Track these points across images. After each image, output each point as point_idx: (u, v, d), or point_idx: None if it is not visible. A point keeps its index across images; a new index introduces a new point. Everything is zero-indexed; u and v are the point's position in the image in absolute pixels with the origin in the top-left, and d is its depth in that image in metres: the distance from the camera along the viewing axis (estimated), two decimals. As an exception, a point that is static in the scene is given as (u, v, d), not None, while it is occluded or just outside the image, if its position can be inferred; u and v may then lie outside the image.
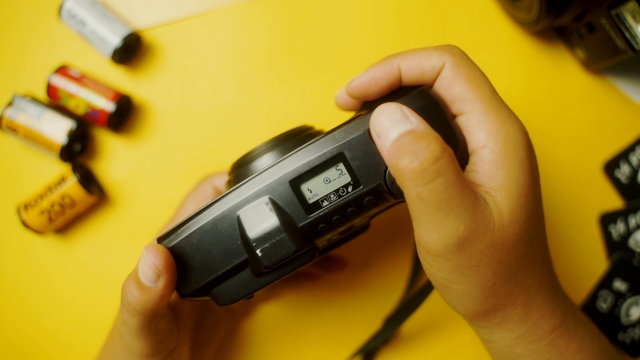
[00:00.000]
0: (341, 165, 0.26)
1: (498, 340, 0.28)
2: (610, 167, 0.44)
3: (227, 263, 0.26)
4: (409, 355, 0.43)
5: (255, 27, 0.46)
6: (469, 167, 0.26)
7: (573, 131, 0.45)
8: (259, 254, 0.25)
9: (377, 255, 0.44)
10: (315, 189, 0.26)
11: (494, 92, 0.27)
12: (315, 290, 0.44)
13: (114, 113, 0.42)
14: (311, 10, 0.46)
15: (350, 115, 0.32)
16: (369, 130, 0.26)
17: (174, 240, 0.27)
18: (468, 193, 0.24)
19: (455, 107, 0.27)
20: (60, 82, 0.42)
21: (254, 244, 0.25)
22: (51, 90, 0.43)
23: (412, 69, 0.27)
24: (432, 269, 0.26)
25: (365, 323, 0.43)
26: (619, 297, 0.42)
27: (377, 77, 0.28)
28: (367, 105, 0.30)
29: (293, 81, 0.45)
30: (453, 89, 0.27)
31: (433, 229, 0.24)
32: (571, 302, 0.30)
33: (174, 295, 0.29)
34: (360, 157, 0.26)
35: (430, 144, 0.23)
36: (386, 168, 0.26)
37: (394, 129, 0.24)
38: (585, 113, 0.45)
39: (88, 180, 0.43)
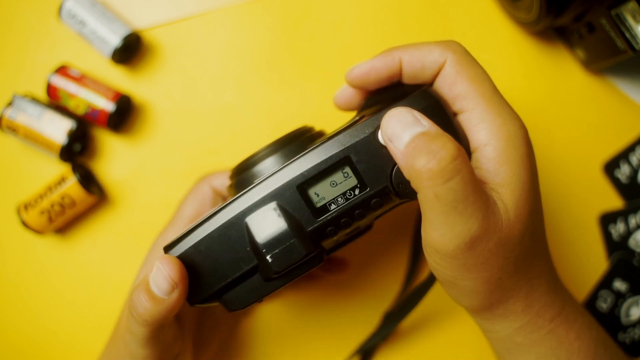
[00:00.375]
0: (347, 169, 0.26)
1: (500, 331, 0.29)
2: (610, 167, 0.44)
3: (237, 269, 0.26)
4: (409, 350, 0.43)
5: (255, 27, 0.46)
6: (472, 164, 0.27)
7: (573, 131, 0.45)
8: (270, 260, 0.25)
9: (377, 255, 0.44)
10: (323, 192, 0.26)
11: (495, 89, 0.27)
12: (315, 290, 0.44)
13: (114, 113, 0.42)
14: (311, 10, 0.46)
15: (350, 115, 0.32)
16: (373, 133, 0.26)
17: (182, 249, 0.27)
18: (481, 192, 0.24)
19: (456, 104, 0.27)
20: (60, 82, 0.42)
21: (263, 250, 0.25)
22: (51, 90, 0.43)
23: (413, 63, 0.28)
24: (439, 267, 0.26)
25: (365, 322, 0.43)
26: (619, 297, 0.42)
27: (377, 68, 0.28)
28: (367, 105, 0.30)
29: (293, 81, 0.45)
30: (455, 87, 0.27)
31: (446, 228, 0.24)
32: (569, 293, 0.30)
33: None
34: (366, 159, 0.26)
35: (446, 143, 0.23)
36: (392, 170, 0.26)
37: (407, 132, 0.24)
38: (585, 113, 0.45)
39: (88, 180, 0.43)
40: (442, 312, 0.43)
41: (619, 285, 0.43)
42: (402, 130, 0.24)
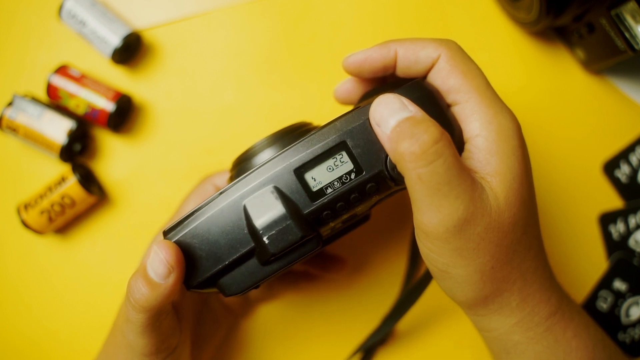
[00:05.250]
0: (343, 153, 0.27)
1: (496, 328, 0.29)
2: (610, 167, 0.44)
3: (234, 252, 0.27)
4: (409, 351, 0.43)
5: (255, 27, 0.46)
6: (464, 154, 0.27)
7: (573, 131, 0.45)
8: (266, 241, 0.26)
9: (376, 254, 0.44)
10: (319, 177, 0.27)
11: (488, 84, 0.28)
12: (314, 289, 0.44)
13: (114, 113, 0.42)
14: (311, 10, 0.46)
15: (349, 108, 0.32)
16: (369, 119, 0.26)
17: (181, 232, 0.27)
18: (466, 175, 0.25)
19: (450, 97, 0.28)
20: (60, 82, 0.42)
21: (260, 232, 0.26)
22: (51, 90, 0.43)
23: (408, 56, 0.29)
24: (432, 254, 0.26)
25: (364, 321, 0.43)
26: (619, 297, 0.42)
27: (372, 57, 0.29)
28: (365, 98, 0.31)
29: (293, 81, 0.45)
30: (449, 80, 0.27)
31: (433, 211, 0.25)
32: (565, 291, 0.30)
33: None
34: (362, 144, 0.27)
35: (429, 127, 0.24)
36: (387, 155, 0.26)
37: (393, 117, 0.25)
38: (585, 113, 0.45)
39: (88, 180, 0.43)
40: (441, 312, 0.43)
41: (619, 285, 0.43)
42: (389, 115, 0.25)
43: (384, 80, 0.33)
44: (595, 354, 0.29)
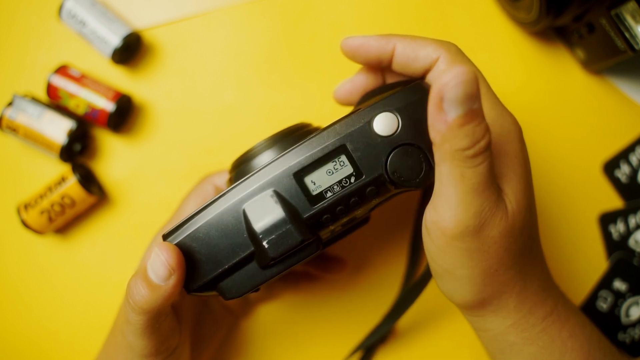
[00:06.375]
0: (343, 157, 0.26)
1: (492, 329, 0.29)
2: (610, 167, 0.44)
3: (234, 256, 0.27)
4: (409, 350, 0.43)
5: (255, 27, 0.46)
6: None
7: (573, 131, 0.45)
8: (266, 246, 0.26)
9: (376, 254, 0.44)
10: (319, 180, 0.26)
11: (489, 87, 0.28)
12: (314, 289, 0.44)
13: (114, 113, 0.42)
14: (311, 10, 0.46)
15: (349, 109, 0.32)
16: (369, 123, 0.26)
17: (181, 236, 0.27)
18: (494, 180, 0.25)
19: None
20: (60, 82, 0.42)
21: (260, 236, 0.26)
22: (51, 90, 0.43)
23: (407, 53, 0.28)
24: (440, 253, 0.26)
25: (364, 321, 0.43)
26: (619, 297, 0.42)
27: (368, 45, 0.29)
28: (364, 99, 0.30)
29: (293, 81, 0.45)
30: None
31: (462, 207, 0.24)
32: (561, 292, 0.31)
33: None
34: (362, 148, 0.26)
35: (487, 131, 0.24)
36: (387, 158, 0.26)
37: (465, 104, 0.23)
38: (585, 113, 0.45)
39: (88, 180, 0.43)
40: (441, 311, 0.43)
41: (619, 285, 0.43)
42: (462, 100, 0.23)
43: (380, 72, 0.33)
44: (591, 353, 0.29)
